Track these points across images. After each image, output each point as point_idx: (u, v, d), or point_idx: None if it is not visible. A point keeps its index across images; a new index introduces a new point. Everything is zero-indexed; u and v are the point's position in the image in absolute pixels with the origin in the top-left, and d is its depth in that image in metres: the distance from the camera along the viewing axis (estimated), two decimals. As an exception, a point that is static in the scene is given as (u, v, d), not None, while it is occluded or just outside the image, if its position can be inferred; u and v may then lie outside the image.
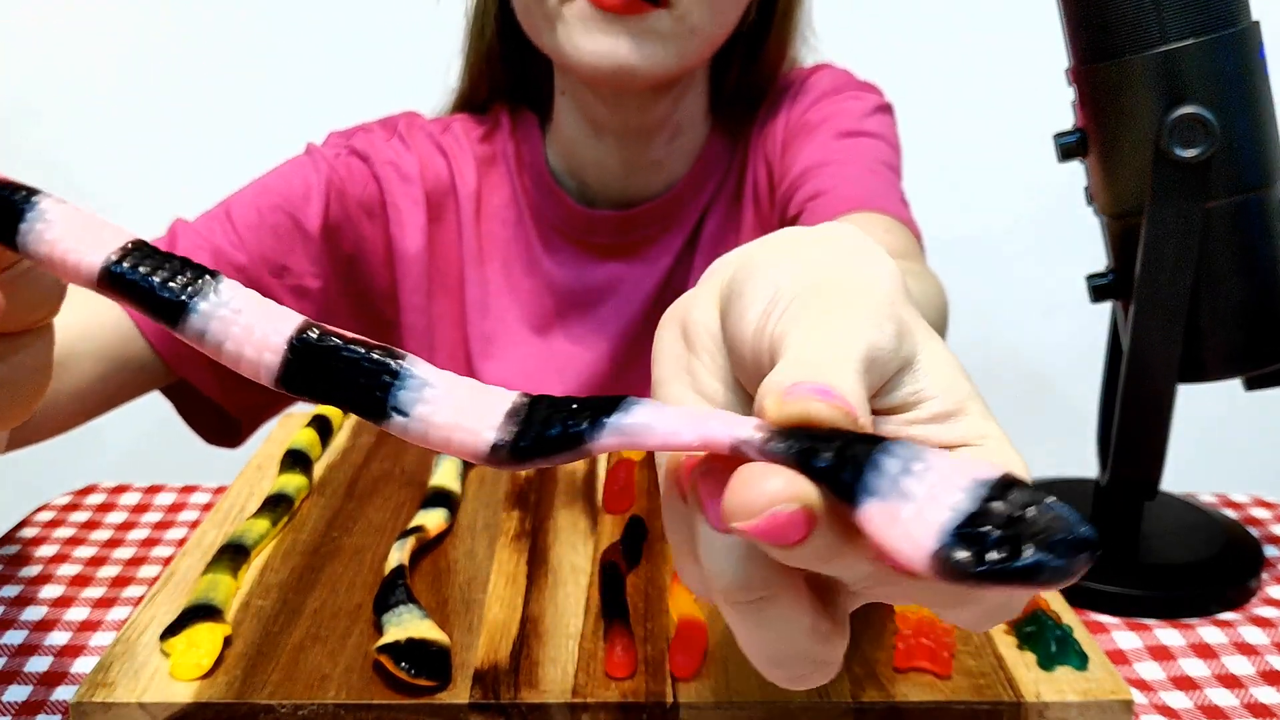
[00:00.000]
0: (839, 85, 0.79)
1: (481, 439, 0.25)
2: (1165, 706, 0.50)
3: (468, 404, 0.25)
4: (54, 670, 0.52)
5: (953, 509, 0.21)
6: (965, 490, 0.21)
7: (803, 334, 0.26)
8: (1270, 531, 0.67)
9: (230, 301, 0.26)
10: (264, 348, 0.26)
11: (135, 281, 0.26)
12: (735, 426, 0.24)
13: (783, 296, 0.28)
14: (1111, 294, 0.64)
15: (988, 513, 0.21)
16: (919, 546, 0.21)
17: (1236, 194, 0.58)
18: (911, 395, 0.27)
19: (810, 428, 0.23)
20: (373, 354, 0.26)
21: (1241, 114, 0.57)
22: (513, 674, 0.43)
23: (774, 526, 0.22)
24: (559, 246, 0.80)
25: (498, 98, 0.82)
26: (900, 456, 0.22)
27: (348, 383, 0.25)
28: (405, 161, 0.79)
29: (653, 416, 0.24)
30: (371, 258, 0.78)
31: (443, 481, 0.58)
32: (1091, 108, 0.61)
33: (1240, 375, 0.63)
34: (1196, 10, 0.56)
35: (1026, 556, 0.20)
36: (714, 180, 0.80)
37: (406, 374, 0.25)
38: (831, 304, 0.27)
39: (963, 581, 0.20)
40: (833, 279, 0.28)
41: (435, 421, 0.25)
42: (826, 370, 0.24)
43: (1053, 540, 0.20)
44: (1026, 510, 0.20)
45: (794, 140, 0.76)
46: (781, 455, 0.23)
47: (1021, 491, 0.21)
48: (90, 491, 0.72)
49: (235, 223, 0.73)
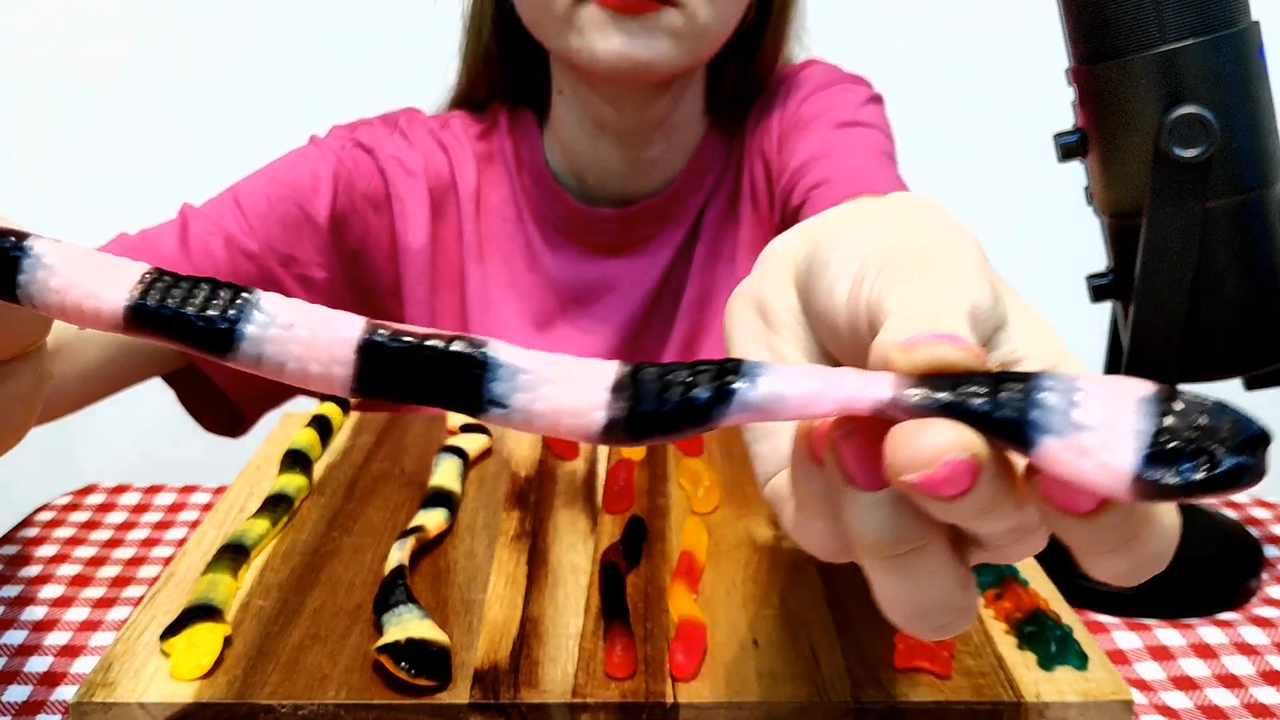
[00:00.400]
0: (831, 79, 0.81)
1: (592, 421, 0.23)
2: (1165, 706, 0.50)
3: (567, 385, 0.24)
4: (54, 670, 0.52)
5: (1137, 431, 0.20)
6: (1136, 411, 0.21)
7: (902, 295, 0.26)
8: (1270, 531, 0.67)
9: (278, 317, 0.24)
10: (332, 361, 0.24)
11: (169, 315, 0.24)
12: (872, 385, 0.23)
13: (871, 264, 0.28)
14: (1111, 294, 0.64)
15: (1168, 429, 0.20)
16: (1117, 474, 0.20)
17: (1236, 194, 0.58)
18: (1010, 353, 0.27)
19: (946, 376, 0.22)
20: (453, 346, 0.24)
21: (1241, 114, 0.57)
22: (513, 674, 0.43)
23: (944, 478, 0.22)
24: (559, 244, 0.81)
25: (495, 96, 0.83)
26: (1058, 389, 0.21)
27: (432, 381, 0.24)
28: (408, 156, 0.79)
29: (783, 384, 0.23)
30: (376, 251, 0.79)
31: (443, 481, 0.58)
32: (1091, 108, 0.61)
33: (1240, 375, 0.63)
34: (1196, 10, 0.56)
35: (1225, 463, 0.20)
36: (711, 177, 0.81)
37: (495, 363, 0.24)
38: (924, 267, 0.27)
39: (1169, 499, 0.20)
40: (918, 245, 0.28)
41: (537, 409, 0.24)
42: (939, 322, 0.24)
43: (1239, 442, 0.20)
44: (1201, 419, 0.20)
45: (790, 135, 0.77)
46: (932, 407, 0.22)
47: (1185, 401, 0.21)
48: (90, 491, 0.72)
49: (245, 210, 0.73)
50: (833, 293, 0.28)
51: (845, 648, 0.44)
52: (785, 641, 0.45)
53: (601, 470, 0.61)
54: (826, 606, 0.47)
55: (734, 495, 0.58)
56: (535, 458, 0.63)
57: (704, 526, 0.54)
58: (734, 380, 0.23)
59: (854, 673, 0.43)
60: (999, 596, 0.47)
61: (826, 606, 0.47)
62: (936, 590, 0.25)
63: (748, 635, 0.45)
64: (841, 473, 0.25)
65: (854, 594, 0.48)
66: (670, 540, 0.53)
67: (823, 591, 0.49)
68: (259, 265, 0.72)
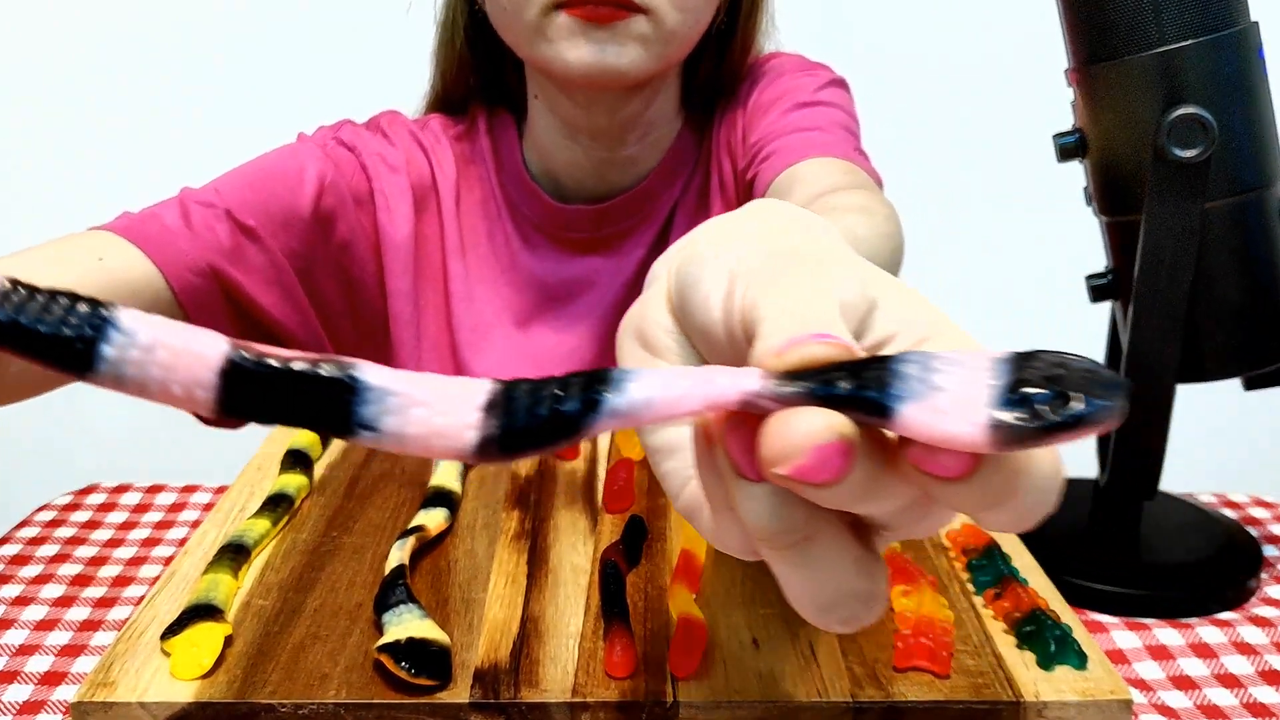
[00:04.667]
0: (792, 67, 0.82)
1: (464, 440, 0.23)
2: (1165, 706, 0.50)
3: (438, 406, 0.23)
4: (54, 670, 0.52)
5: (991, 386, 0.21)
6: (992, 370, 0.22)
7: (774, 299, 0.27)
8: (1269, 531, 0.67)
9: (137, 336, 0.23)
10: (194, 384, 0.23)
11: (24, 328, 0.22)
12: (740, 379, 0.23)
13: (740, 273, 0.29)
14: (1111, 294, 0.64)
15: (1023, 380, 0.21)
16: (973, 423, 0.21)
17: (1235, 194, 0.58)
18: (883, 334, 0.28)
19: (813, 369, 0.23)
20: (319, 369, 0.23)
21: (1240, 114, 0.57)
22: (513, 673, 0.43)
23: (814, 464, 0.22)
24: (537, 242, 0.82)
25: (473, 99, 0.85)
26: (916, 361, 0.22)
27: (298, 404, 0.23)
28: (390, 153, 0.81)
29: (650, 388, 0.23)
30: (362, 245, 0.80)
31: (443, 481, 0.58)
32: (1091, 108, 0.61)
33: (1240, 375, 0.63)
34: (1195, 11, 0.56)
35: (1077, 404, 0.20)
36: (684, 173, 0.83)
37: (364, 386, 0.23)
38: (791, 269, 0.28)
39: (1024, 444, 0.21)
40: (783, 248, 0.30)
41: (409, 432, 0.23)
42: (810, 322, 0.25)
43: (1095, 386, 0.21)
44: (1056, 369, 0.21)
45: (753, 122, 0.79)
46: (798, 395, 0.22)
47: (1043, 357, 0.22)
48: (91, 491, 0.72)
49: (237, 194, 0.73)
50: (707, 307, 0.29)
51: (845, 647, 0.44)
52: (785, 641, 0.45)
53: (601, 470, 0.61)
54: (826, 606, 0.47)
55: (734, 495, 0.58)
56: (535, 458, 0.63)
57: (704, 526, 0.54)
58: (602, 389, 0.23)
59: (853, 672, 0.43)
60: (998, 596, 0.47)
61: (826, 606, 0.47)
62: (838, 579, 0.25)
63: (747, 635, 0.45)
64: (729, 464, 0.25)
65: (853, 594, 0.49)
66: (670, 540, 0.53)
67: (822, 591, 0.49)
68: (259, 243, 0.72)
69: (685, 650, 0.43)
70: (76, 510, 0.69)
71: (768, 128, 0.76)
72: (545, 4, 0.69)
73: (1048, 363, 0.21)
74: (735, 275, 0.29)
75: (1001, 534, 0.53)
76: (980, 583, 0.49)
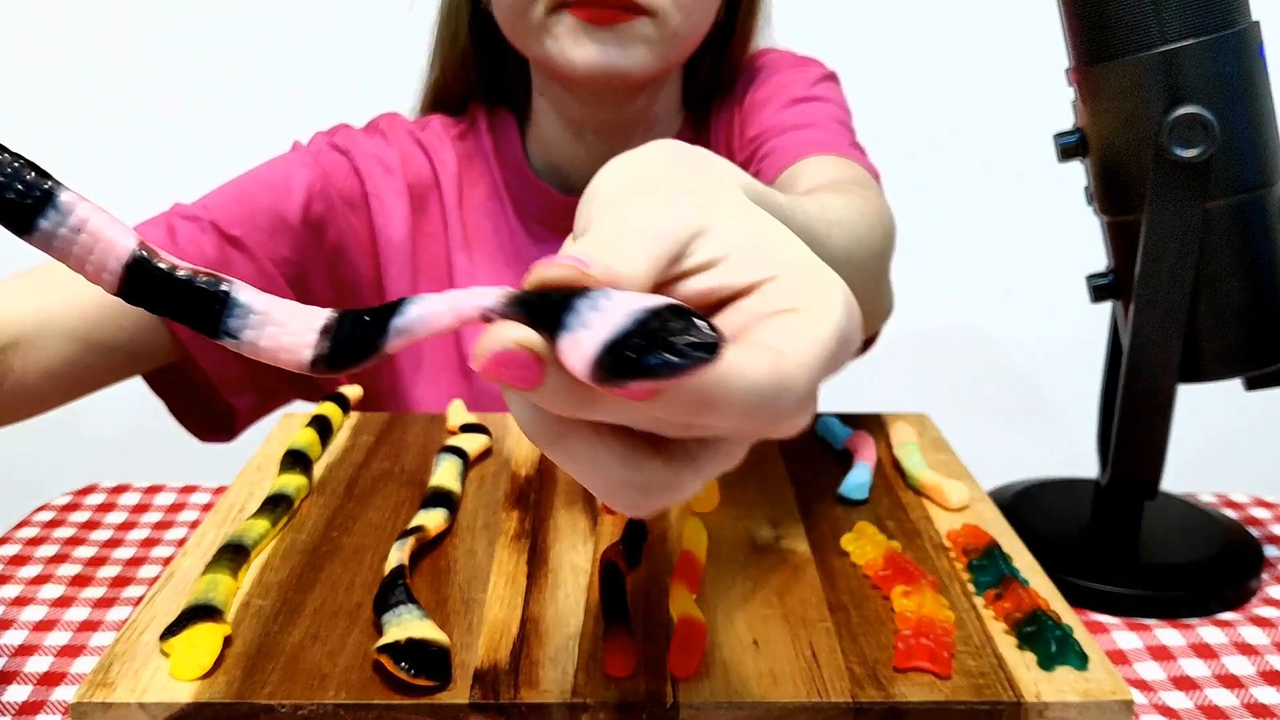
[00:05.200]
0: (784, 63, 0.83)
1: (302, 356, 0.29)
2: (1165, 706, 0.50)
3: (289, 326, 0.29)
4: (54, 670, 0.52)
5: (613, 328, 0.24)
6: (629, 315, 0.25)
7: (599, 224, 0.31)
8: (1270, 531, 0.67)
9: (69, 217, 0.28)
10: (103, 268, 0.28)
11: None
12: (481, 298, 0.27)
13: (601, 200, 0.33)
14: (1111, 294, 0.64)
15: (642, 326, 0.24)
16: (584, 359, 0.25)
17: (1236, 194, 0.58)
18: (704, 259, 0.31)
19: (551, 290, 0.27)
20: (197, 281, 0.29)
21: (1241, 114, 0.57)
22: (512, 674, 0.43)
23: (501, 365, 0.26)
24: (542, 236, 0.83)
25: (473, 97, 0.85)
26: (590, 296, 0.25)
27: (180, 304, 0.28)
28: (386, 154, 0.82)
29: (421, 309, 0.28)
30: (356, 248, 0.80)
31: (443, 481, 0.58)
32: (1091, 108, 0.61)
33: (1240, 375, 0.63)
34: (1196, 10, 0.56)
35: (650, 357, 0.24)
36: None
37: (233, 302, 0.29)
38: (630, 197, 0.32)
39: (608, 382, 0.24)
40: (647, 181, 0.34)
41: (262, 345, 0.29)
42: (612, 243, 0.29)
43: (679, 345, 0.24)
44: (670, 325, 0.24)
45: (749, 120, 0.80)
46: (511, 313, 0.27)
47: (680, 316, 0.24)
48: (90, 491, 0.72)
49: (224, 207, 0.74)
50: (575, 225, 0.34)
51: (845, 648, 0.44)
52: (785, 641, 0.45)
53: (601, 470, 0.61)
54: (826, 607, 0.47)
55: (734, 495, 0.58)
56: (535, 457, 0.63)
57: (704, 526, 0.54)
58: (391, 314, 0.28)
59: (854, 673, 0.43)
60: (999, 597, 0.47)
61: (826, 607, 0.47)
62: (605, 469, 0.29)
63: (748, 635, 0.45)
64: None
65: (854, 595, 0.48)
66: (670, 540, 0.53)
67: (823, 592, 0.49)
68: (246, 252, 0.73)
69: (685, 651, 0.43)
70: (75, 510, 0.69)
71: (764, 124, 0.77)
72: (550, 2, 0.69)
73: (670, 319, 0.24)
74: (601, 202, 0.33)
75: (1001, 534, 0.53)
76: (981, 583, 0.49)
